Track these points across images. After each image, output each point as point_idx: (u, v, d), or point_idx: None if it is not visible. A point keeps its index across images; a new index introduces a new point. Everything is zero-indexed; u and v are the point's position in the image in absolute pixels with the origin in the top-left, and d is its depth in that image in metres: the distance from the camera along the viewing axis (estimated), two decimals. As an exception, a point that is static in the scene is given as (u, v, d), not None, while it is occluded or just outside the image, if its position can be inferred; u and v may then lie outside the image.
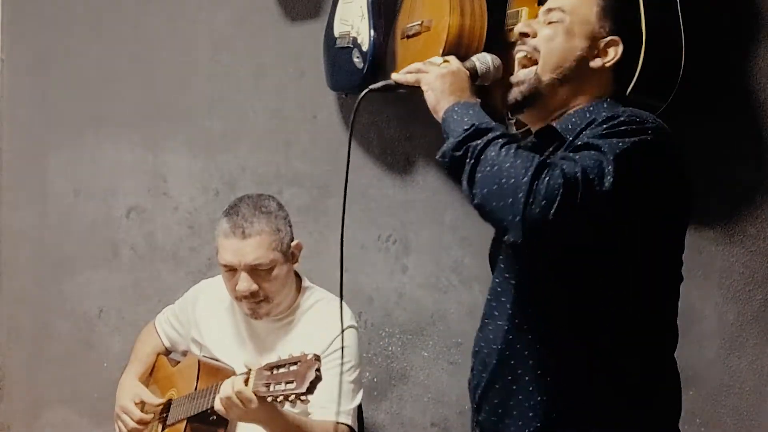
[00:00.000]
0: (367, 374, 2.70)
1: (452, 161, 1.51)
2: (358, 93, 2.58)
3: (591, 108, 1.60)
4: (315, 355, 1.79)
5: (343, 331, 2.15)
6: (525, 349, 1.56)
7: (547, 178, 1.37)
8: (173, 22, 3.03)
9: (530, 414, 1.54)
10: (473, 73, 1.67)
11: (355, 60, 2.49)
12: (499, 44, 2.26)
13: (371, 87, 1.70)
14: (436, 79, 1.60)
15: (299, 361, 1.79)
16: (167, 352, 2.43)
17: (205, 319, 2.32)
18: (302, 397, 1.77)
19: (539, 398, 1.54)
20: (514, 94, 1.62)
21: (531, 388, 1.54)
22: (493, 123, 1.52)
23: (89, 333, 3.19)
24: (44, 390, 3.28)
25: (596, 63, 1.60)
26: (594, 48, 1.60)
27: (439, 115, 1.58)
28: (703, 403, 2.25)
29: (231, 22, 2.93)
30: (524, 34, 1.64)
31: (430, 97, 1.60)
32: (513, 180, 1.39)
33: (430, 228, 2.63)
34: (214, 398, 2.00)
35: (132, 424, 2.25)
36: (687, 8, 1.99)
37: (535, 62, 1.61)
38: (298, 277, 2.27)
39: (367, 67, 2.46)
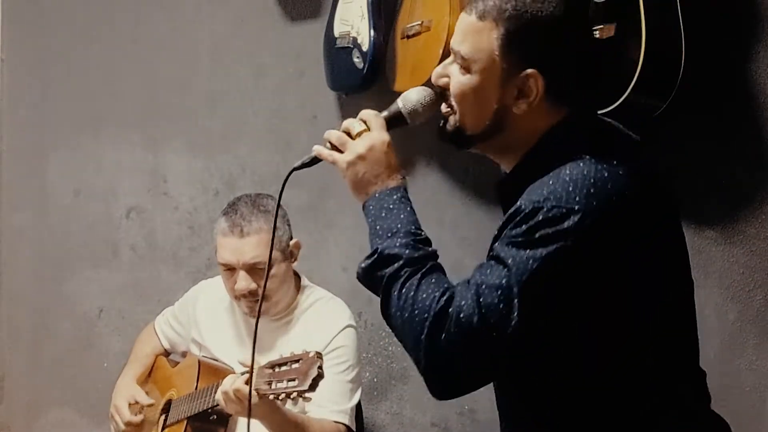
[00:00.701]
0: (367, 374, 2.70)
1: (368, 285, 1.44)
2: (358, 93, 2.62)
3: (537, 155, 1.40)
4: (317, 352, 1.79)
5: (341, 330, 2.16)
6: (510, 406, 1.55)
7: (443, 336, 1.29)
8: (173, 21, 3.03)
9: None
10: (398, 118, 1.52)
11: (355, 60, 2.49)
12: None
13: (294, 166, 1.56)
14: (347, 167, 1.46)
15: (301, 359, 1.79)
16: (166, 353, 2.43)
17: (205, 320, 2.32)
18: (304, 395, 1.78)
19: None
20: (445, 134, 1.48)
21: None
22: (401, 239, 1.40)
23: (89, 333, 3.19)
24: (44, 390, 3.28)
25: (521, 108, 1.39)
26: (511, 90, 1.38)
27: (358, 199, 1.49)
28: (703, 403, 2.25)
29: (231, 22, 2.93)
30: (440, 87, 1.47)
31: (347, 184, 1.49)
32: (413, 335, 1.32)
33: (430, 228, 2.60)
34: (214, 397, 2.00)
35: (121, 426, 2.27)
36: (687, 8, 1.99)
37: (454, 112, 1.45)
38: (297, 277, 2.28)
39: (367, 67, 2.46)
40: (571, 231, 1.27)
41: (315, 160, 1.55)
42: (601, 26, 1.98)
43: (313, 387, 1.76)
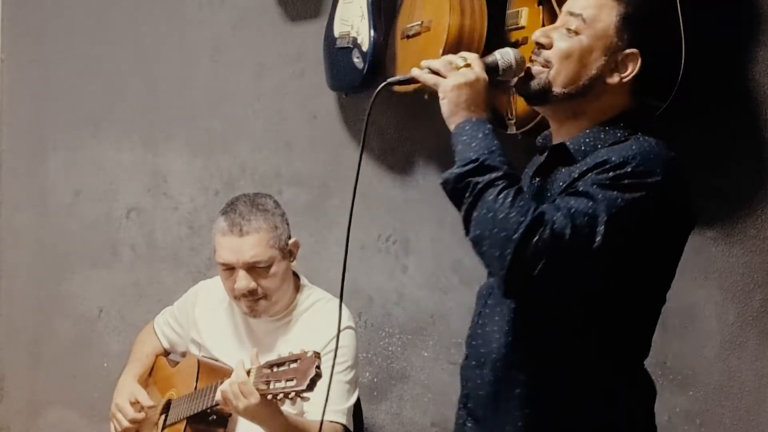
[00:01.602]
0: (367, 374, 2.70)
1: (453, 190, 1.53)
2: (358, 93, 2.62)
3: (606, 129, 1.58)
4: (315, 352, 1.79)
5: (340, 331, 2.15)
6: (520, 360, 1.59)
7: (536, 238, 1.40)
8: (173, 22, 3.03)
9: (519, 424, 1.59)
10: (493, 68, 1.63)
11: (355, 60, 2.49)
12: (499, 44, 2.26)
13: (389, 80, 1.70)
14: (452, 89, 1.56)
15: (299, 359, 1.79)
16: (166, 353, 2.43)
17: (205, 320, 2.32)
18: (302, 395, 1.78)
19: (527, 411, 1.58)
20: (530, 86, 1.61)
21: (521, 399, 1.58)
22: (499, 158, 1.51)
23: (89, 333, 3.19)
24: (44, 390, 3.28)
25: (613, 79, 1.57)
26: (611, 62, 1.56)
27: (450, 127, 1.58)
28: (703, 403, 2.25)
29: (231, 22, 2.93)
30: (540, 45, 1.61)
31: (444, 106, 1.58)
32: (504, 234, 1.42)
33: (430, 228, 2.63)
34: (213, 397, 2.00)
35: (125, 423, 2.26)
36: (687, 8, 1.99)
37: (550, 67, 1.59)
38: (296, 277, 2.28)
39: (367, 67, 2.46)
40: (653, 186, 1.46)
41: (412, 80, 1.65)
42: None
43: (311, 387, 1.76)
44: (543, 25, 2.13)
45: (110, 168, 3.14)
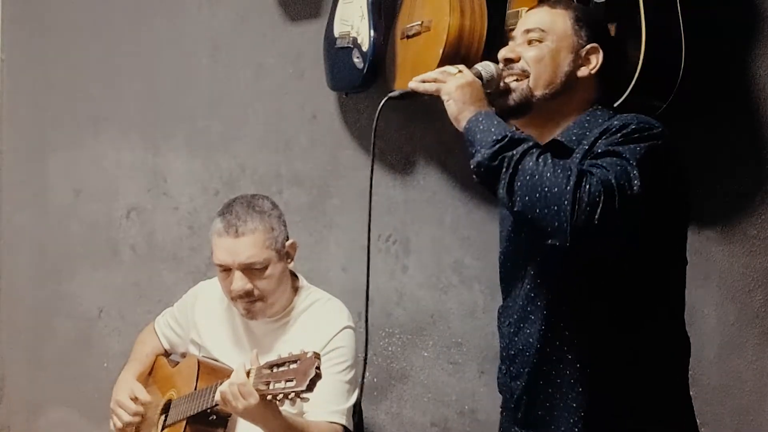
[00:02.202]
0: (367, 374, 2.70)
1: (488, 171, 1.59)
2: (358, 93, 2.62)
3: (588, 118, 1.71)
4: (315, 353, 1.79)
5: (340, 331, 2.15)
6: (564, 345, 1.67)
7: (588, 186, 1.49)
8: (173, 22, 3.03)
9: (574, 405, 1.66)
10: (479, 78, 1.73)
11: (355, 60, 2.49)
12: (499, 44, 2.26)
13: (390, 95, 1.77)
14: (456, 89, 1.67)
15: (299, 359, 1.79)
16: (166, 353, 2.43)
17: (204, 320, 2.32)
18: (302, 395, 1.78)
19: (581, 389, 1.66)
20: (509, 101, 1.72)
21: (573, 381, 1.66)
22: (522, 134, 1.61)
23: (89, 333, 3.19)
24: (44, 390, 3.28)
25: (582, 72, 1.72)
26: (578, 58, 1.72)
27: (461, 125, 1.66)
28: (703, 403, 2.25)
29: (231, 22, 2.93)
30: (509, 60, 1.74)
31: (451, 107, 1.67)
32: (556, 189, 1.50)
33: (430, 228, 2.63)
34: (213, 397, 2.00)
35: (127, 418, 2.25)
36: (687, 8, 1.99)
37: (527, 76, 1.71)
38: (294, 278, 2.27)
39: (367, 67, 2.46)
40: (658, 135, 1.59)
41: (411, 94, 1.74)
42: (602, 26, 1.98)
43: (310, 387, 1.76)
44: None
45: (110, 168, 3.14)
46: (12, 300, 3.35)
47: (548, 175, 1.51)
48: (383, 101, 1.76)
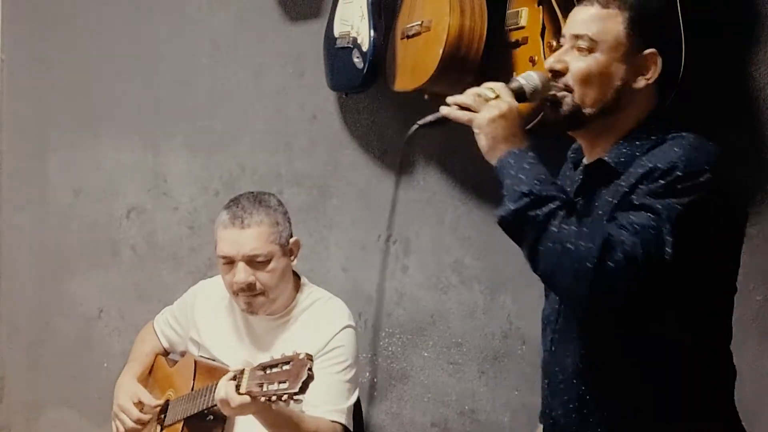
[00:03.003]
0: (367, 374, 2.70)
1: (510, 227, 1.52)
2: (358, 93, 2.62)
3: (640, 135, 1.58)
4: (307, 354, 1.79)
5: (340, 330, 2.16)
6: (605, 364, 1.60)
7: (611, 263, 1.42)
8: (173, 21, 3.03)
9: (615, 420, 1.60)
10: (520, 94, 1.62)
11: (355, 60, 2.49)
12: (499, 44, 2.26)
13: (420, 123, 1.67)
14: (488, 123, 1.55)
15: (292, 361, 1.79)
16: (166, 352, 2.43)
17: (204, 319, 2.32)
18: (295, 397, 1.78)
19: (622, 407, 1.60)
20: (558, 113, 1.61)
21: (615, 398, 1.60)
22: (551, 185, 1.52)
23: (89, 333, 3.19)
24: (44, 390, 3.28)
25: (639, 84, 1.59)
26: (632, 68, 1.58)
27: (491, 161, 1.57)
28: (703, 403, 2.25)
29: (231, 22, 2.93)
30: (555, 71, 1.60)
31: (481, 140, 1.57)
32: (577, 266, 1.43)
33: (430, 228, 2.63)
34: (210, 398, 2.00)
35: (130, 424, 2.25)
36: (687, 8, 1.99)
37: (571, 92, 1.59)
38: (296, 276, 2.28)
39: (367, 67, 2.46)
40: (705, 185, 1.47)
41: (442, 120, 1.63)
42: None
43: (303, 389, 1.75)
44: (543, 25, 2.14)
45: (110, 168, 3.14)
46: (12, 300, 3.35)
47: (571, 245, 1.44)
48: (413, 129, 1.66)
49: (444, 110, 1.61)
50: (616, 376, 1.60)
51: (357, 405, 2.26)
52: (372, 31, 2.45)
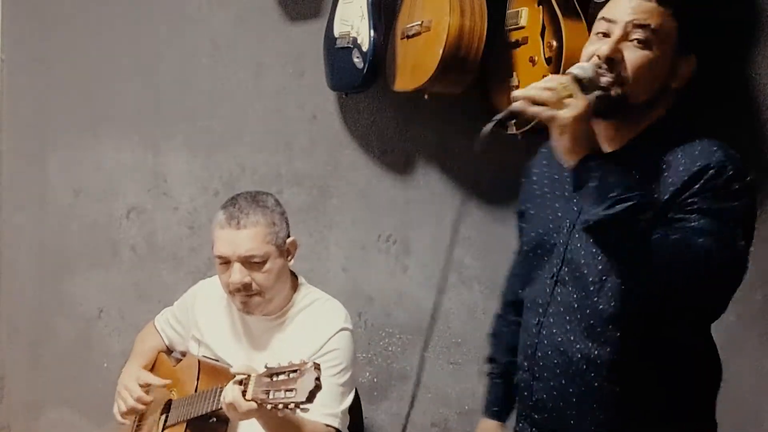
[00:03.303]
0: (367, 374, 2.70)
1: (605, 233, 1.51)
2: (358, 93, 2.62)
3: (658, 133, 1.62)
4: (315, 363, 1.78)
5: (336, 333, 2.15)
6: (597, 352, 1.62)
7: (709, 267, 1.50)
8: (173, 21, 3.03)
9: (601, 411, 1.63)
10: (584, 85, 1.58)
11: (355, 60, 2.49)
12: (499, 44, 2.26)
13: (497, 118, 1.55)
14: (572, 123, 1.51)
15: (299, 369, 1.78)
16: (168, 350, 2.43)
17: (205, 318, 2.32)
18: (301, 406, 1.77)
19: (620, 401, 1.63)
20: (604, 103, 1.58)
21: (611, 390, 1.62)
22: (641, 191, 1.51)
23: (89, 333, 3.19)
24: (44, 390, 3.28)
25: (676, 83, 1.62)
26: (673, 68, 1.61)
27: (569, 162, 1.54)
28: (703, 403, 2.25)
29: (231, 22, 2.93)
30: (610, 60, 1.58)
31: (563, 140, 1.53)
32: (682, 272, 1.49)
33: (430, 228, 2.63)
34: (214, 402, 2.00)
35: (131, 402, 2.24)
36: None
37: (623, 83, 1.58)
38: (294, 277, 2.27)
39: (367, 67, 2.46)
40: (751, 185, 1.57)
41: (514, 116, 1.54)
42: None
43: (310, 399, 1.74)
44: (543, 25, 2.14)
45: (110, 168, 3.14)
46: (12, 300, 3.35)
47: (668, 257, 1.48)
48: (491, 125, 1.54)
49: (518, 105, 1.53)
50: (640, 369, 1.61)
51: (357, 405, 2.26)
52: (372, 31, 2.45)
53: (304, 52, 2.79)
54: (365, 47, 2.46)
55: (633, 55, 1.57)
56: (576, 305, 1.65)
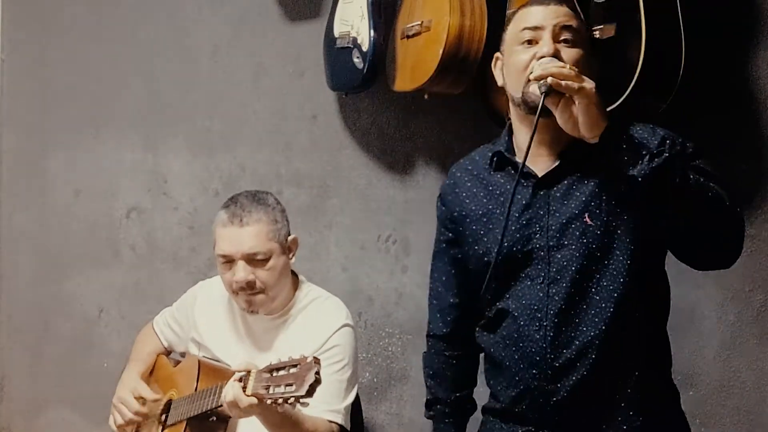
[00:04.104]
0: (367, 374, 2.70)
1: (661, 181, 1.54)
2: (358, 93, 2.62)
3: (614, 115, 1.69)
4: (315, 357, 1.78)
5: (338, 329, 2.15)
6: (612, 330, 1.67)
7: (737, 207, 1.62)
8: (173, 22, 3.03)
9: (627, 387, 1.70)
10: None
11: (355, 60, 2.49)
12: (499, 44, 2.26)
13: (544, 92, 1.59)
14: (596, 93, 1.57)
15: (299, 364, 1.79)
16: (167, 352, 2.43)
17: (204, 319, 2.32)
18: (301, 400, 1.77)
19: (641, 376, 1.72)
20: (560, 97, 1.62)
21: (636, 366, 1.71)
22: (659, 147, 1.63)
23: (89, 333, 3.19)
24: (44, 390, 3.28)
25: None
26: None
27: (597, 130, 1.57)
28: (703, 403, 2.25)
29: (231, 23, 2.93)
30: (559, 60, 1.63)
31: (592, 110, 1.56)
32: (727, 212, 1.60)
33: (430, 228, 2.62)
34: (214, 400, 2.00)
35: (129, 416, 2.25)
36: (687, 8, 1.99)
37: None
38: (295, 275, 2.28)
39: (367, 67, 2.46)
40: None
41: (552, 90, 1.57)
42: (601, 26, 1.98)
43: (310, 393, 1.75)
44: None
45: (110, 168, 3.14)
46: (12, 300, 3.35)
47: (714, 197, 1.57)
48: (542, 101, 1.57)
49: (552, 81, 1.56)
50: (637, 341, 1.70)
51: (357, 405, 2.26)
52: (372, 31, 2.46)
53: (304, 52, 2.79)
54: (365, 47, 2.46)
55: (569, 54, 1.65)
56: (577, 297, 1.67)
